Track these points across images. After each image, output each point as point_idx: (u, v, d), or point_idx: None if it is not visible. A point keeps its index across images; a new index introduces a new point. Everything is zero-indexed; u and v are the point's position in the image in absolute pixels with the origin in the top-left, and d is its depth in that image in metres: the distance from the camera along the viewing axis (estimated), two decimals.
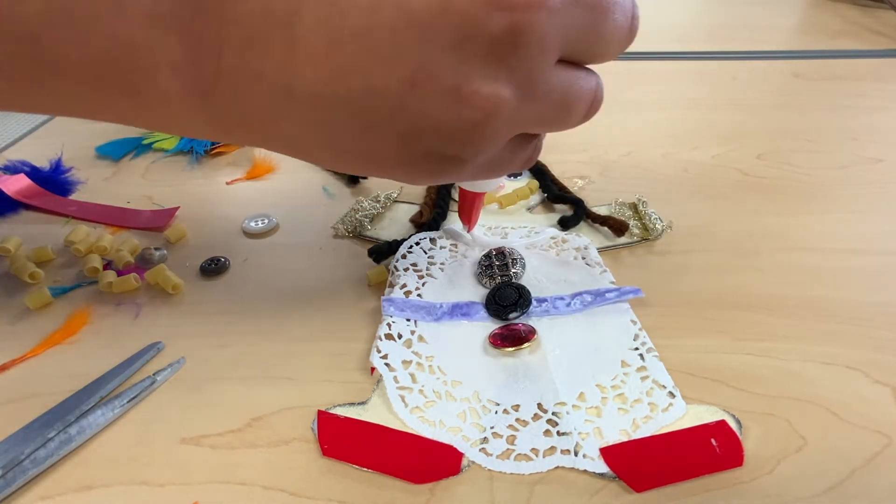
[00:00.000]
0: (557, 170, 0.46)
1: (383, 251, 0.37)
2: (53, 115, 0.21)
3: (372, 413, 0.28)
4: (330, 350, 0.32)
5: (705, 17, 0.84)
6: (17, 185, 0.44)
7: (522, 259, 0.36)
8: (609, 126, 0.54)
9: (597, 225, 0.40)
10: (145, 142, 0.52)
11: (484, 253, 0.37)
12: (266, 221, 0.41)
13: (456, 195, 0.44)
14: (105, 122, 0.22)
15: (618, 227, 0.39)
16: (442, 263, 0.37)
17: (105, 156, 0.50)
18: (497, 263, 0.36)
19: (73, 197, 0.46)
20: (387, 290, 0.35)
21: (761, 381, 0.29)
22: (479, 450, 0.26)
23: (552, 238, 0.38)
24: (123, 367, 0.30)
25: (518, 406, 0.28)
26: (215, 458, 0.26)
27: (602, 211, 0.41)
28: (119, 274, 0.36)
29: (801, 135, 0.52)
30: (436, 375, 0.30)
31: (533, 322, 0.32)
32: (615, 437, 0.26)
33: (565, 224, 0.40)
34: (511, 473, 0.25)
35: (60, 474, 0.26)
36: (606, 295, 0.33)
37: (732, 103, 0.58)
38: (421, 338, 0.32)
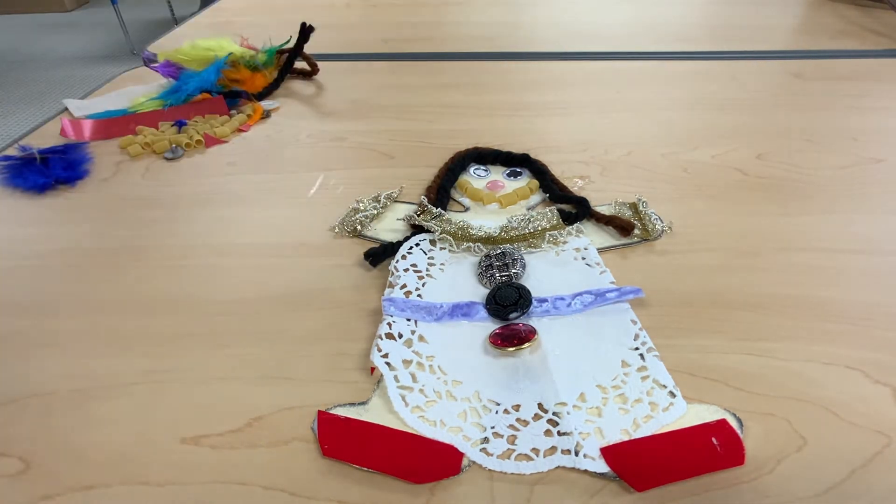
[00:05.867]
0: (557, 170, 0.46)
1: (379, 254, 0.37)
2: None
3: (372, 413, 0.28)
4: (330, 350, 0.32)
5: (705, 17, 0.84)
6: (86, 128, 0.55)
7: (522, 259, 0.36)
8: (609, 126, 0.54)
9: (601, 224, 0.40)
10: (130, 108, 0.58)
11: (484, 253, 0.37)
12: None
13: (456, 195, 0.44)
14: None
15: (624, 227, 0.39)
16: (442, 264, 0.37)
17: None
18: (497, 263, 0.36)
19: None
20: (387, 290, 0.35)
21: (761, 381, 0.29)
22: (480, 450, 0.26)
23: (551, 237, 0.38)
24: None
25: (518, 406, 0.28)
26: (215, 458, 0.26)
27: (603, 211, 0.41)
28: None
29: (801, 135, 0.52)
30: (436, 375, 0.30)
31: (533, 322, 0.32)
32: (616, 437, 0.26)
33: (566, 217, 0.40)
34: (511, 473, 0.25)
35: (60, 474, 0.26)
36: (607, 295, 0.33)
37: (732, 103, 0.58)
38: (421, 337, 0.32)
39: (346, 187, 0.46)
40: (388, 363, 0.30)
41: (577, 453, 0.26)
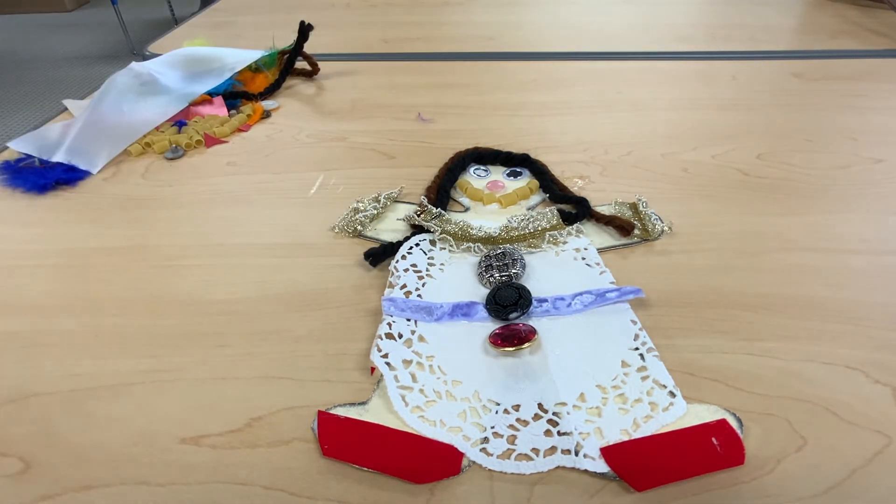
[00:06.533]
0: (557, 170, 0.46)
1: (379, 254, 0.37)
2: None
3: (372, 413, 0.28)
4: (330, 350, 0.32)
5: (705, 17, 0.84)
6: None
7: (522, 259, 0.36)
8: (609, 126, 0.54)
9: (601, 224, 0.40)
10: None
11: (484, 253, 0.37)
12: None
13: (456, 195, 0.44)
14: None
15: (624, 227, 0.39)
16: (442, 264, 0.37)
17: None
18: (497, 264, 0.36)
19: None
20: (387, 290, 0.35)
21: (761, 381, 0.29)
22: (480, 450, 0.26)
23: (551, 237, 0.38)
24: None
25: (518, 406, 0.28)
26: (215, 458, 0.26)
27: (603, 211, 0.41)
28: None
29: (801, 135, 0.52)
30: (436, 375, 0.30)
31: (533, 322, 0.32)
32: (616, 437, 0.26)
33: (566, 217, 0.40)
34: (511, 473, 0.25)
35: (60, 474, 0.26)
36: (607, 295, 0.33)
37: (732, 103, 0.58)
38: (421, 337, 0.32)
39: (346, 187, 0.46)
40: (388, 363, 0.30)
41: (577, 453, 0.26)
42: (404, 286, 0.35)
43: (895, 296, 0.34)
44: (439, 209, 0.40)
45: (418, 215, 0.40)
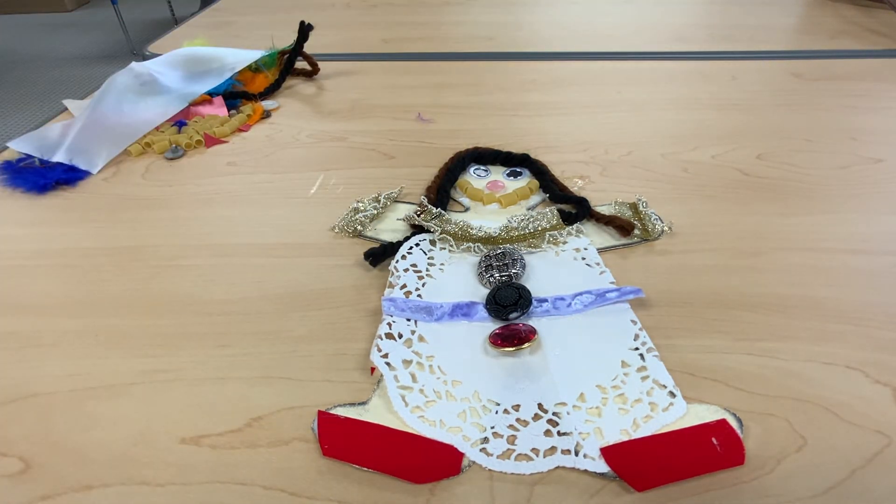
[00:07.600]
0: (557, 170, 0.46)
1: (378, 254, 0.37)
2: None
3: (372, 413, 0.28)
4: (330, 350, 0.32)
5: (705, 17, 0.84)
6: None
7: (522, 259, 0.36)
8: (609, 126, 0.54)
9: (601, 224, 0.40)
10: None
11: (484, 253, 0.37)
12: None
13: (456, 195, 0.44)
14: None
15: (624, 227, 0.39)
16: (442, 264, 0.37)
17: None
18: (497, 264, 0.36)
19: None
20: (387, 290, 0.35)
21: (761, 381, 0.29)
22: (480, 450, 0.26)
23: (551, 237, 0.38)
24: None
25: (518, 406, 0.28)
26: (215, 458, 0.26)
27: (603, 211, 0.41)
28: None
29: (801, 135, 0.52)
30: (436, 375, 0.30)
31: (533, 322, 0.32)
32: (616, 437, 0.26)
33: (566, 217, 0.40)
34: (511, 473, 0.25)
35: (60, 474, 0.26)
36: (607, 295, 0.33)
37: (732, 103, 0.58)
38: (421, 337, 0.32)
39: (346, 187, 0.46)
40: (387, 363, 0.30)
41: (577, 453, 0.26)
42: (404, 286, 0.35)
43: (895, 296, 0.34)
44: (439, 209, 0.40)
45: (418, 215, 0.40)
